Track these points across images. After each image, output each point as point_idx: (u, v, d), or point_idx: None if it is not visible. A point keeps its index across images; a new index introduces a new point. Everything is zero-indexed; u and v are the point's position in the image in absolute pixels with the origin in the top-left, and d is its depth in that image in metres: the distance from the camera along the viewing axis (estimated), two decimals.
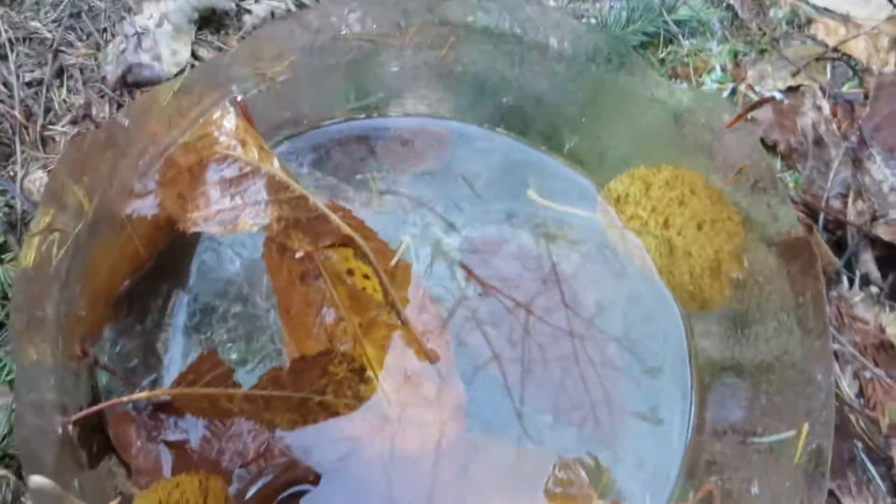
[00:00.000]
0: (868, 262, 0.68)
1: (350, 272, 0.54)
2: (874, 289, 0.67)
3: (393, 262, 0.56)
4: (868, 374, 0.63)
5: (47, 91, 0.81)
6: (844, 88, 0.85)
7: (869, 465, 0.59)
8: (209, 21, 0.84)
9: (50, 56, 0.82)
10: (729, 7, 0.91)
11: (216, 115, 0.49)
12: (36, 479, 0.34)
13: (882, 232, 0.69)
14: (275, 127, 0.61)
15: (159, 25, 0.81)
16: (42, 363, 0.39)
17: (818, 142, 0.77)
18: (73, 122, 0.80)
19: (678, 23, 0.86)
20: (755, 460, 0.43)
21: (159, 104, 0.46)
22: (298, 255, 0.49)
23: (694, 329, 0.53)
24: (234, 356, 0.58)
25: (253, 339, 0.58)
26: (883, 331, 0.64)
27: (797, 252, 0.44)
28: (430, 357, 0.54)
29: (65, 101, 0.81)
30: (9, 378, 0.62)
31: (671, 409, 0.53)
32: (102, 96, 0.81)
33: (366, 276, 0.54)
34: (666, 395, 0.54)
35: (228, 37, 0.83)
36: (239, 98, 0.51)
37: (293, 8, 0.84)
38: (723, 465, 0.46)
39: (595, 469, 0.51)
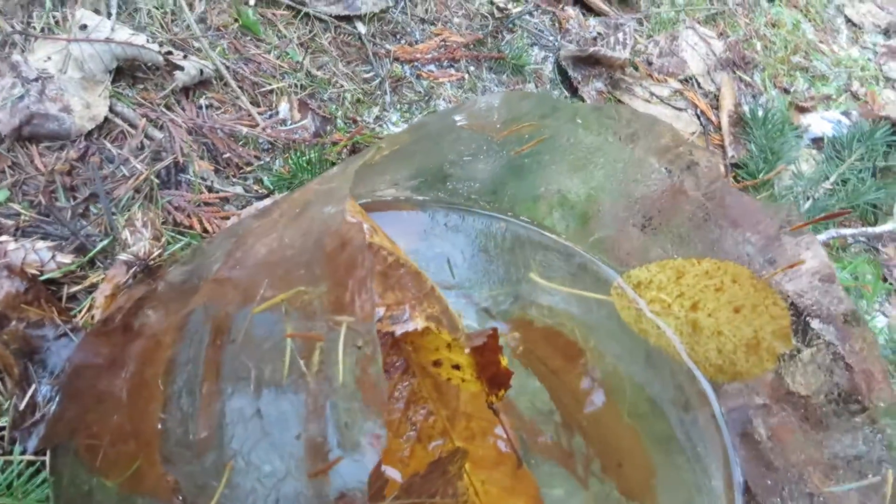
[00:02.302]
0: None
1: (437, 363, 0.52)
2: None
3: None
4: None
5: None
6: None
7: None
8: (126, 73, 0.72)
9: None
10: None
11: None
12: None
13: None
14: None
15: (63, 71, 0.68)
16: None
17: None
18: None
19: None
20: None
21: None
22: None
23: None
24: None
25: None
26: None
27: None
28: (515, 445, 0.54)
29: None
30: None
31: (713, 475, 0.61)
32: None
33: (455, 367, 0.52)
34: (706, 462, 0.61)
35: (149, 93, 0.73)
36: None
37: (221, 67, 0.77)
38: None
39: None
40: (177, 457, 0.38)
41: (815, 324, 0.66)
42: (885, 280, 1.10)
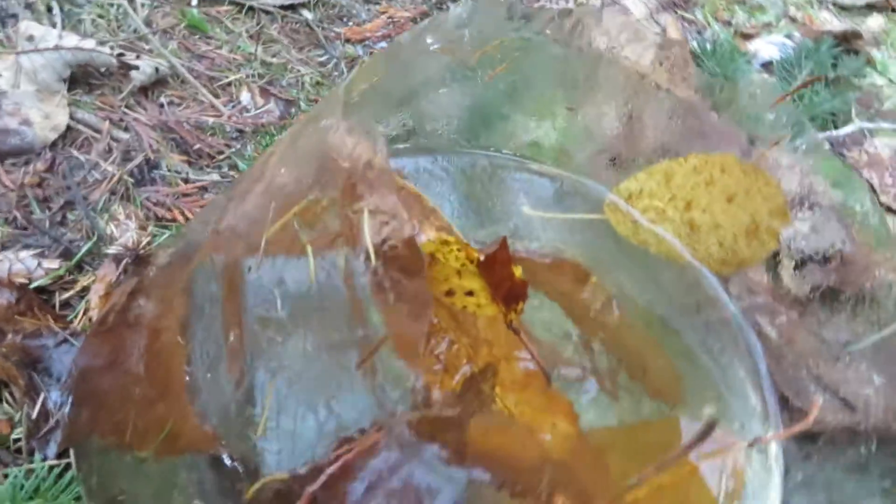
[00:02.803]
0: None
1: (450, 293, 0.51)
2: None
3: None
4: None
5: None
6: None
7: None
8: (80, 80, 0.71)
9: None
10: None
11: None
12: None
13: None
14: None
15: (16, 85, 0.67)
16: None
17: None
18: None
19: None
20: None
21: None
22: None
23: None
24: None
25: None
26: None
27: None
28: (540, 363, 0.54)
29: None
30: None
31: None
32: None
33: (468, 293, 0.52)
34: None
35: (107, 97, 0.71)
36: None
37: (176, 64, 0.76)
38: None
39: None
40: (211, 405, 0.37)
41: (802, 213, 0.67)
42: None
